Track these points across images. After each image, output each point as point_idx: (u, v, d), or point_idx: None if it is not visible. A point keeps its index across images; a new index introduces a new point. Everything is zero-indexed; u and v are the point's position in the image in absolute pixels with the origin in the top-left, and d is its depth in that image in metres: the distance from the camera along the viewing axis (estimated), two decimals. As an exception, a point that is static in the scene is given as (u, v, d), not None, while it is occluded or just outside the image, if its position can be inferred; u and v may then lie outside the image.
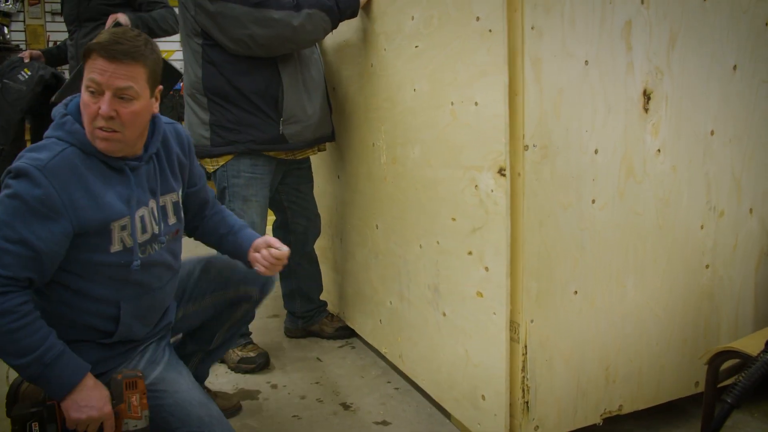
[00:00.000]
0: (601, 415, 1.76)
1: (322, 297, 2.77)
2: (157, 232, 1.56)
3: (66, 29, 3.11)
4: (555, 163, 1.59)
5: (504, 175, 1.58)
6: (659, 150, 1.72)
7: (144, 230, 1.53)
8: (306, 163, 2.59)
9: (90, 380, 1.41)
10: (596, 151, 1.64)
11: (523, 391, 1.64)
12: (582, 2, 1.56)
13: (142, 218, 1.52)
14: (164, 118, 1.66)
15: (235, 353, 2.38)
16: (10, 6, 4.75)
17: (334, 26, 2.24)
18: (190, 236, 1.85)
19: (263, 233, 2.40)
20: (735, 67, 1.80)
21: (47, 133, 1.47)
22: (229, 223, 1.81)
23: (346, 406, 2.10)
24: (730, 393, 1.32)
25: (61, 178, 1.38)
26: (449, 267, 1.86)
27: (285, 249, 1.70)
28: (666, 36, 1.68)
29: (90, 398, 1.39)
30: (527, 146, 1.55)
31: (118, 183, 1.48)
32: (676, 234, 1.79)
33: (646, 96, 1.68)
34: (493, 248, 1.64)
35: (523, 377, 1.64)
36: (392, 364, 2.32)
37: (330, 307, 2.82)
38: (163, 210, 1.59)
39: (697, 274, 1.84)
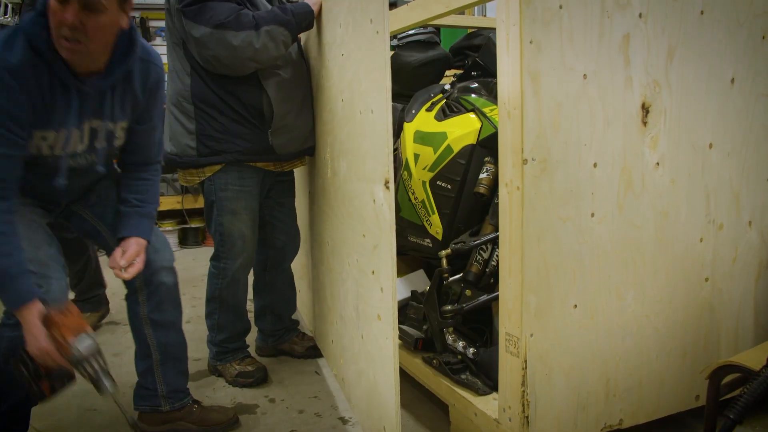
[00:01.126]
0: (601, 429, 1.75)
1: (300, 315, 2.70)
2: (79, 151, 1.64)
3: None
4: (554, 176, 1.59)
5: (388, 188, 1.54)
6: (658, 163, 1.72)
7: (66, 146, 1.59)
8: (289, 176, 2.54)
9: (34, 311, 1.46)
10: (595, 165, 1.64)
11: (523, 405, 1.63)
12: (580, 16, 1.56)
13: (68, 136, 1.58)
14: (150, 49, 1.69)
15: (233, 367, 2.37)
16: (8, 18, 4.77)
17: (294, 39, 2.23)
18: None
19: (254, 246, 2.38)
20: (733, 81, 1.80)
21: (25, 18, 1.50)
22: (140, 196, 1.82)
23: (344, 421, 2.08)
24: (733, 408, 1.32)
25: (25, 77, 1.44)
26: (364, 287, 1.81)
27: (127, 275, 1.73)
28: (664, 49, 1.69)
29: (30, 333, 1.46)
30: (526, 160, 1.55)
31: (59, 97, 1.52)
32: (676, 247, 1.79)
33: (645, 109, 1.69)
34: (385, 266, 1.60)
35: (523, 392, 1.63)
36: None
37: (307, 325, 2.78)
38: (93, 132, 1.64)
39: (696, 287, 1.84)
